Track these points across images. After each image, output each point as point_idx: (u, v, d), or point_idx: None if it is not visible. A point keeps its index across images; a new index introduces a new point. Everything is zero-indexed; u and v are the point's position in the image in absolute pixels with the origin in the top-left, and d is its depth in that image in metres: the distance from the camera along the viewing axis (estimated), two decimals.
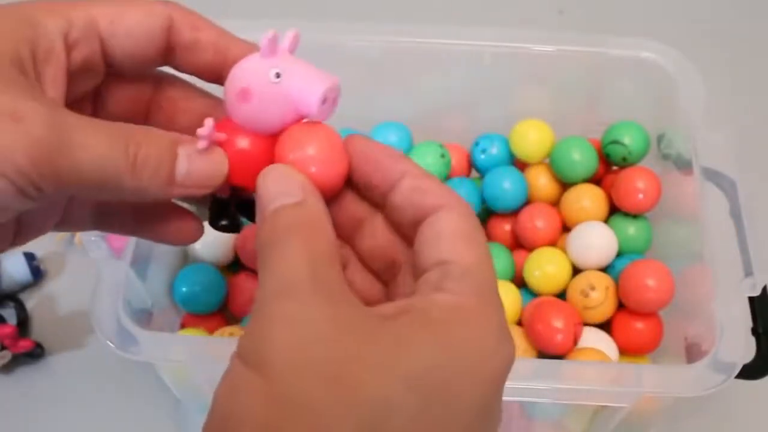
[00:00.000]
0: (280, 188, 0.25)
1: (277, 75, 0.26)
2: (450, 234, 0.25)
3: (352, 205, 0.28)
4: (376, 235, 0.28)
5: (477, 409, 0.22)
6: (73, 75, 0.26)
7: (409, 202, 0.26)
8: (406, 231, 0.27)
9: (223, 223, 0.29)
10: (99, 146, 0.24)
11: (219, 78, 0.28)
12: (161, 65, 0.29)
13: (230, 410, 0.21)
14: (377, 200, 0.27)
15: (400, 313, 0.23)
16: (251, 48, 0.28)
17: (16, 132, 0.22)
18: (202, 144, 0.26)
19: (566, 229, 0.54)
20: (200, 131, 0.25)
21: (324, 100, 0.26)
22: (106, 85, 0.29)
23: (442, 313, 0.23)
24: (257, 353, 0.22)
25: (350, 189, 0.28)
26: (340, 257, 0.28)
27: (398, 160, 0.27)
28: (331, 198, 0.27)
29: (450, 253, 0.24)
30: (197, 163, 0.26)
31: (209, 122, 0.26)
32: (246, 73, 0.26)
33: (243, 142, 0.26)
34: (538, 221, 0.53)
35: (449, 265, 0.24)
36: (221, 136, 0.26)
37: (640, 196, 0.51)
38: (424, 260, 0.25)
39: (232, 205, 0.29)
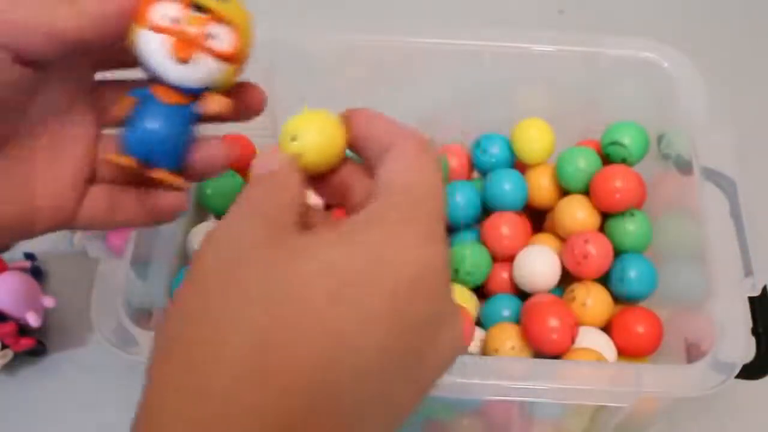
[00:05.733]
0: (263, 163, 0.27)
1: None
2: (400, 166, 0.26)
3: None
4: None
5: (387, 310, 0.22)
6: None
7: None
8: None
9: None
10: None
11: None
12: None
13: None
14: None
15: (325, 230, 0.24)
16: None
17: None
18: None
19: (561, 238, 0.54)
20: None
21: None
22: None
23: (352, 223, 0.24)
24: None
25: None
26: None
27: (390, 133, 0.28)
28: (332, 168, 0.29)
29: (392, 176, 0.26)
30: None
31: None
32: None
33: None
34: (503, 228, 0.53)
35: (383, 184, 0.26)
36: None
37: (617, 195, 0.51)
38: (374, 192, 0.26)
39: None
